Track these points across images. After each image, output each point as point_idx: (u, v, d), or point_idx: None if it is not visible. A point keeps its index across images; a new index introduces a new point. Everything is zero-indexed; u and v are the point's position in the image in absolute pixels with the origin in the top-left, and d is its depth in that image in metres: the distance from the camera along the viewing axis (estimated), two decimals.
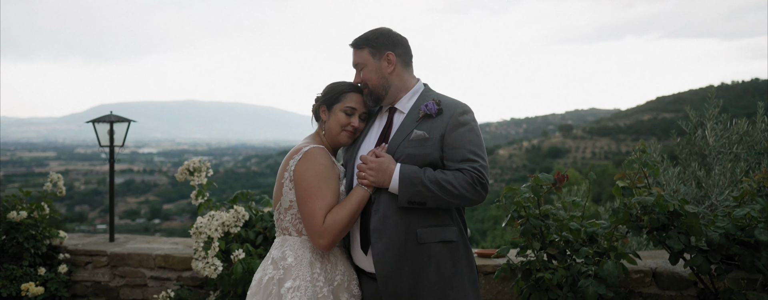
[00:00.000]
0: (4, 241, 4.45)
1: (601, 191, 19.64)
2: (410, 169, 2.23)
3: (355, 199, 2.28)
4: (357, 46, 2.43)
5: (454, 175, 2.21)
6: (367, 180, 2.27)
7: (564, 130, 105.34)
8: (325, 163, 2.30)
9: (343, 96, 2.44)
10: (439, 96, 2.39)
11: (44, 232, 4.60)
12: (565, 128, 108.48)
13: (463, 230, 2.38)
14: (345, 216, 2.24)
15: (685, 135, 4.67)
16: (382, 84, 2.39)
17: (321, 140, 2.47)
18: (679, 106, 65.12)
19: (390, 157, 2.28)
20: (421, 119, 2.33)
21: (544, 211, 3.24)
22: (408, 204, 2.22)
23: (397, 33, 2.44)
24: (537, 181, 3.09)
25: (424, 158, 2.27)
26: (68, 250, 4.76)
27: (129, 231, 47.02)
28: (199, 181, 4.19)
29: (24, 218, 4.46)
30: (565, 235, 3.27)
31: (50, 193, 4.80)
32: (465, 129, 2.28)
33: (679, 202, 2.92)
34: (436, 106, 2.31)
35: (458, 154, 2.25)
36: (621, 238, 3.26)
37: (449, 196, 2.20)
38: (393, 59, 2.39)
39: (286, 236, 2.37)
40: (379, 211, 2.27)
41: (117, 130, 5.18)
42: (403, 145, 2.30)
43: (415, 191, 2.20)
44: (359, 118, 2.47)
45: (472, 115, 2.34)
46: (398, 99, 2.44)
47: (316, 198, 2.24)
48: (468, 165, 2.23)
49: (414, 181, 2.20)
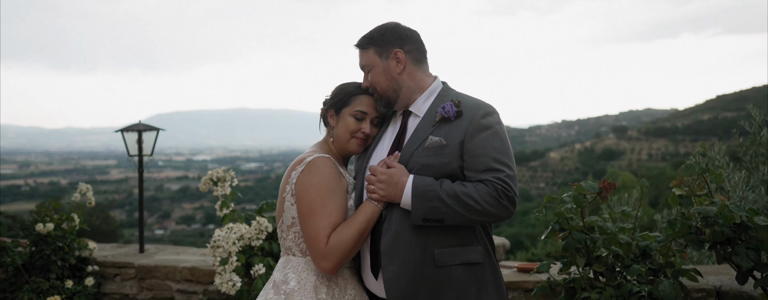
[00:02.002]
0: (33, 253, 4.40)
1: (658, 195, 18.74)
2: (424, 182, 1.94)
3: (364, 216, 2.00)
4: (361, 46, 2.16)
5: (475, 188, 1.92)
6: (376, 194, 2.00)
7: (618, 132, 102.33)
8: (331, 174, 2.04)
9: (352, 98, 2.18)
10: (459, 96, 2.10)
11: (72, 244, 4.53)
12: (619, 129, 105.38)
13: (489, 249, 2.08)
14: (351, 236, 1.97)
15: (748, 135, 4.22)
16: (391, 86, 2.12)
17: (329, 148, 2.22)
18: (741, 104, 62.05)
19: (402, 167, 2.00)
20: (437, 123, 2.04)
21: (589, 223, 2.90)
22: (423, 222, 1.94)
23: (406, 27, 2.16)
24: (579, 190, 2.75)
25: (441, 168, 1.98)
26: (97, 262, 4.68)
27: (185, 236, 48.12)
28: (223, 192, 4.02)
29: (51, 230, 4.39)
30: (614, 249, 2.91)
31: (80, 204, 4.74)
32: (488, 133, 1.98)
33: (747, 212, 2.53)
34: (454, 108, 2.02)
35: (480, 162, 1.95)
36: (679, 253, 2.88)
37: (470, 212, 1.90)
38: (402, 57, 2.11)
39: (290, 257, 2.12)
40: (391, 230, 2.00)
41: (146, 138, 5.10)
42: (417, 153, 2.02)
43: (431, 207, 1.91)
44: (371, 123, 2.20)
45: (497, 116, 2.04)
46: (412, 101, 2.15)
47: (319, 215, 1.98)
48: (492, 175, 1.92)
49: (428, 195, 1.91)
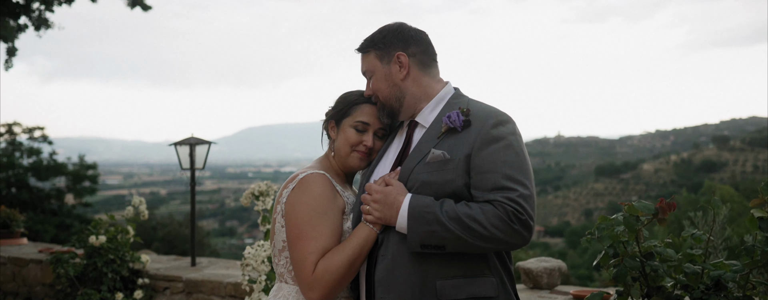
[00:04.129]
0: (87, 264, 4.49)
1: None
2: (422, 202, 1.69)
3: (357, 240, 1.77)
4: (362, 49, 1.94)
5: (481, 209, 1.64)
6: (371, 215, 1.76)
7: (719, 142, 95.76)
8: (322, 193, 1.83)
9: (353, 108, 1.96)
10: (471, 104, 1.83)
11: (125, 256, 4.59)
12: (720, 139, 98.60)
13: (506, 281, 1.78)
14: (341, 263, 1.74)
15: None
16: (394, 94, 1.87)
17: (330, 164, 2.00)
18: None
19: (400, 185, 1.76)
20: (443, 135, 1.78)
21: (646, 249, 2.51)
22: (421, 248, 1.68)
23: (411, 27, 1.91)
24: (631, 210, 2.39)
25: (443, 186, 1.72)
26: (149, 275, 4.72)
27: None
28: (264, 206, 3.92)
29: (103, 242, 4.47)
30: (681, 279, 2.51)
31: (134, 217, 4.81)
32: (499, 146, 1.70)
33: None
34: (461, 117, 1.75)
35: (488, 180, 1.67)
36: (760, 286, 2.44)
37: (475, 237, 1.63)
38: (405, 61, 1.86)
39: (282, 284, 1.91)
40: (387, 257, 1.75)
41: (199, 152, 5.12)
42: (418, 169, 1.76)
43: (429, 231, 1.65)
44: (375, 135, 1.97)
45: (512, 126, 1.75)
46: (419, 110, 1.90)
47: (307, 238, 1.77)
48: (501, 195, 1.64)
49: (426, 217, 1.66)
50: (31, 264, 5.53)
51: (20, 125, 19.85)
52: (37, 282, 5.47)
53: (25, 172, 19.15)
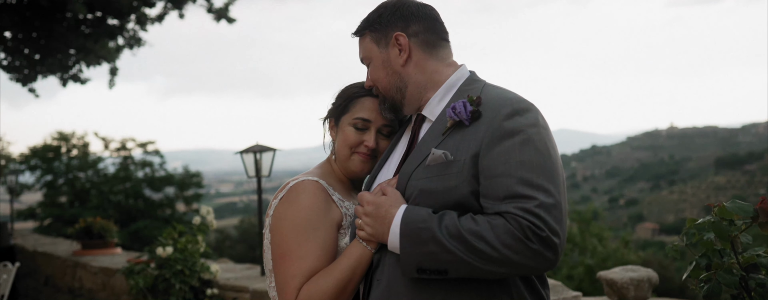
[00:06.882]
0: (157, 275, 4.51)
1: None
2: (417, 216, 1.35)
3: (347, 261, 1.47)
4: (358, 32, 1.63)
5: (489, 224, 1.29)
6: (364, 231, 1.46)
7: None
8: (312, 204, 1.55)
9: (352, 103, 1.67)
10: (486, 90, 1.47)
11: (194, 267, 4.57)
12: None
13: None
14: (328, 288, 1.45)
15: None
16: (394, 83, 1.55)
17: (331, 168, 1.72)
18: None
19: (397, 194, 1.44)
20: (449, 130, 1.44)
21: (747, 260, 2.01)
22: (418, 273, 1.34)
23: (414, 2, 1.58)
24: (723, 213, 1.91)
25: (445, 195, 1.38)
26: (219, 285, 4.68)
27: None
28: None
29: (170, 254, 4.46)
30: None
31: (202, 227, 4.78)
32: (513, 141, 1.33)
33: None
34: (468, 107, 1.39)
35: (500, 186, 1.31)
36: None
37: (484, 260, 1.27)
38: (404, 43, 1.53)
39: None
40: (383, 282, 1.43)
41: (264, 159, 5.03)
42: (417, 174, 1.43)
43: (426, 253, 1.32)
44: (380, 133, 1.67)
45: (534, 116, 1.38)
46: (426, 101, 1.56)
47: (291, 258, 1.49)
48: (515, 205, 1.28)
49: (422, 234, 1.32)
50: (118, 274, 5.70)
51: (134, 140, 21.42)
52: (124, 291, 5.62)
53: (140, 183, 20.63)
